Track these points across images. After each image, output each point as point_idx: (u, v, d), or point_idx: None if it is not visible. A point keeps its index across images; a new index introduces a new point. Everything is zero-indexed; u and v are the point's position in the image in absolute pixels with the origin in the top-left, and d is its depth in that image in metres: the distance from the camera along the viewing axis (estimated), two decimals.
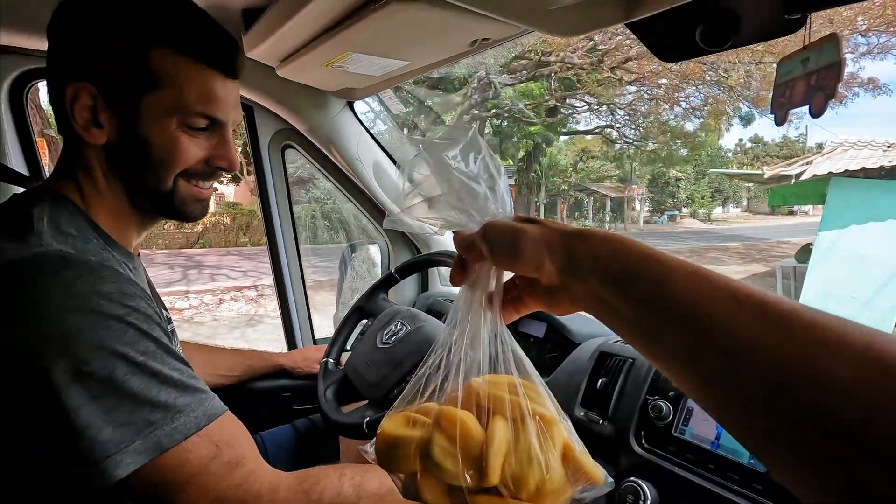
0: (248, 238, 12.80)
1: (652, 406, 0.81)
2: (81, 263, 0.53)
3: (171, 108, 0.61)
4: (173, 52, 0.60)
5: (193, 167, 0.65)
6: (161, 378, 0.53)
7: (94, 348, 0.50)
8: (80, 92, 0.59)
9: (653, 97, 12.30)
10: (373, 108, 2.75)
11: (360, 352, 1.11)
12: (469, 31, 0.76)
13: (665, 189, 23.47)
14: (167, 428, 0.52)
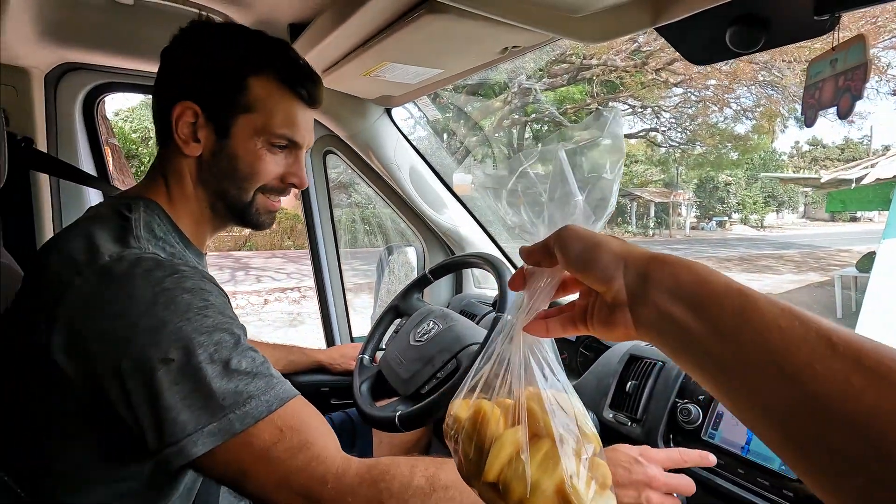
0: (292, 241, 13.23)
1: (681, 409, 0.80)
2: (169, 265, 0.60)
3: (259, 129, 0.71)
4: (269, 82, 0.71)
5: (270, 183, 0.74)
6: (233, 366, 0.57)
7: (175, 339, 0.55)
8: (186, 110, 0.69)
9: (700, 99, 11.90)
10: (413, 114, 2.82)
11: (394, 349, 1.15)
12: (499, 39, 0.79)
13: (713, 194, 22.55)
14: (239, 412, 0.55)
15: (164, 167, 0.73)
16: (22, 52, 1.07)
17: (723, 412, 0.77)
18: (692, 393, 0.82)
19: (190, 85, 0.70)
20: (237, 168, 0.72)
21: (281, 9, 1.04)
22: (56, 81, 1.19)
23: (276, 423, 0.56)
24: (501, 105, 10.85)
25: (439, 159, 1.75)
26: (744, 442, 0.73)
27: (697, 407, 0.79)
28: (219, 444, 0.54)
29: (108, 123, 7.85)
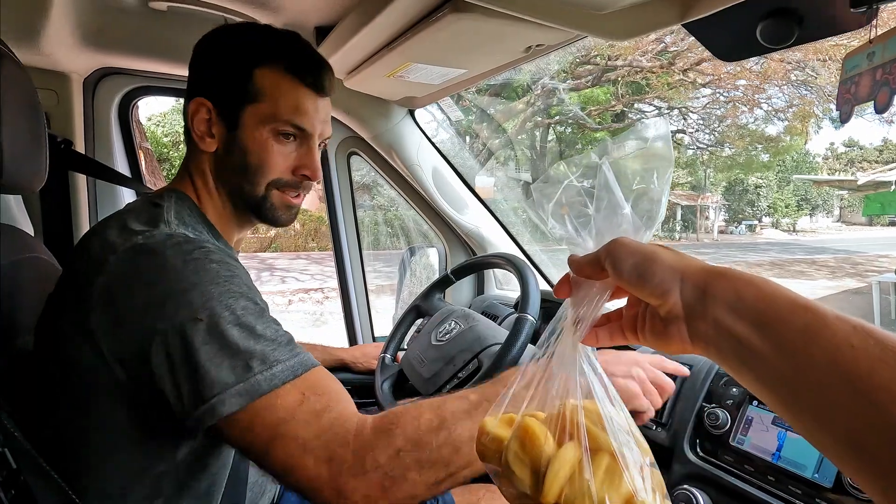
0: (316, 243, 13.41)
1: (708, 414, 0.78)
2: (197, 241, 0.63)
3: (266, 117, 0.71)
4: (273, 71, 0.71)
5: (281, 176, 0.74)
6: (259, 332, 0.58)
7: (204, 300, 0.57)
8: (200, 108, 0.72)
9: (730, 99, 11.62)
10: (435, 116, 2.83)
11: (416, 348, 1.16)
12: (523, 38, 0.79)
13: (743, 197, 21.95)
14: (266, 374, 0.56)
15: (189, 164, 0.76)
16: (63, 57, 1.11)
17: (752, 417, 0.75)
18: (720, 397, 0.80)
19: (202, 81, 0.73)
20: (247, 161, 0.72)
21: (307, 12, 1.06)
22: (94, 86, 1.24)
23: (300, 388, 0.57)
24: (524, 107, 10.80)
25: (462, 160, 1.75)
26: (774, 448, 0.71)
27: (725, 412, 0.77)
28: (245, 405, 0.55)
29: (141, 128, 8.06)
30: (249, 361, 0.56)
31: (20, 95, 0.69)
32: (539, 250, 1.63)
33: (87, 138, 1.22)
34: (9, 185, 0.68)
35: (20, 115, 0.69)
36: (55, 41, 1.04)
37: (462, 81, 1.07)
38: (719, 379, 0.83)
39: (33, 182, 0.75)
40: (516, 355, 0.91)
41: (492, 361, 0.91)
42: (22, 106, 0.70)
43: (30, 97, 0.72)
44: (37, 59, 1.10)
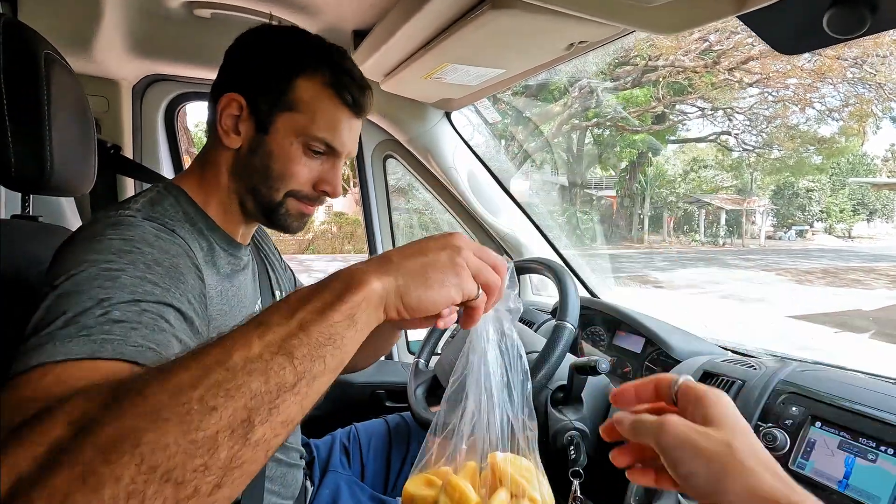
0: (352, 246, 13.63)
1: (765, 434, 0.73)
2: (127, 223, 0.57)
3: (299, 129, 0.69)
4: (315, 83, 0.69)
5: (302, 188, 0.72)
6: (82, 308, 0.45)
7: (83, 259, 0.49)
8: (232, 102, 0.69)
9: (779, 99, 11.11)
10: (471, 120, 2.81)
11: (450, 354, 1.14)
12: (565, 34, 0.76)
13: (793, 201, 20.87)
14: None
15: (204, 156, 0.74)
16: (113, 65, 1.16)
17: (815, 440, 0.69)
18: (777, 416, 0.74)
19: (239, 77, 0.70)
20: (270, 166, 0.70)
21: (346, 16, 1.06)
22: (142, 92, 1.28)
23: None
24: (561, 109, 10.66)
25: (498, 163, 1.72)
26: (841, 476, 0.65)
27: (784, 433, 0.71)
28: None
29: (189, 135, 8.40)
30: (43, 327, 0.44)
31: (71, 101, 0.71)
32: (576, 255, 1.59)
33: (134, 143, 1.27)
34: (58, 187, 0.70)
35: (70, 120, 0.71)
36: (106, 49, 1.09)
37: (500, 82, 1.04)
38: (776, 396, 0.76)
39: (82, 185, 0.78)
40: (555, 364, 0.87)
41: (529, 369, 0.87)
42: (72, 112, 0.72)
43: (80, 103, 0.75)
44: (89, 67, 1.14)
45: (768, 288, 9.75)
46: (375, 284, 0.42)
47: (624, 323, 1.23)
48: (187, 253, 0.62)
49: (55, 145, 0.66)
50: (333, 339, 0.38)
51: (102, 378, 0.38)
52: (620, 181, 16.35)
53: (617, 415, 0.40)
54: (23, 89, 0.62)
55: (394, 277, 0.43)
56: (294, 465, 0.87)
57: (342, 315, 0.39)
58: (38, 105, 0.63)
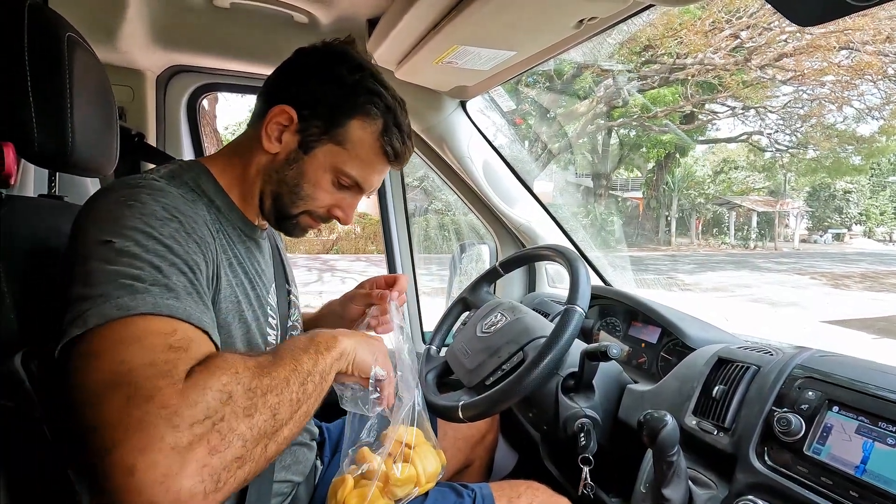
0: (375, 246, 13.76)
1: (779, 419, 0.70)
2: (159, 188, 0.61)
3: (338, 163, 0.73)
4: (368, 128, 0.73)
5: (318, 210, 0.77)
6: (170, 269, 0.54)
7: (122, 226, 0.55)
8: (283, 114, 0.72)
9: (814, 97, 10.72)
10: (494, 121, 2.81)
11: (461, 340, 1.14)
12: (573, 9, 0.75)
13: (829, 203, 20.08)
14: (160, 300, 0.51)
15: (237, 145, 0.77)
16: (138, 55, 1.20)
17: (831, 425, 0.66)
18: (793, 402, 0.72)
19: (299, 94, 0.72)
20: (300, 185, 0.74)
21: (359, 5, 1.08)
22: (166, 82, 1.33)
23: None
24: (586, 110, 10.53)
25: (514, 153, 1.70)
26: (858, 461, 0.62)
27: (799, 417, 0.69)
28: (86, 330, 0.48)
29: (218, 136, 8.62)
30: (148, 286, 0.51)
31: (93, 83, 0.74)
32: (601, 256, 1.57)
33: (157, 132, 1.31)
34: (79, 166, 0.73)
35: (92, 101, 0.74)
36: (131, 40, 1.13)
37: (512, 66, 1.04)
38: (792, 381, 0.74)
39: (104, 166, 0.81)
40: (563, 348, 0.86)
41: (536, 353, 0.87)
42: (94, 93, 0.75)
43: (102, 86, 0.78)
44: (115, 57, 1.19)
45: (802, 292, 9.40)
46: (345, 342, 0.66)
47: (640, 313, 1.21)
48: (204, 220, 0.65)
49: (76, 123, 0.68)
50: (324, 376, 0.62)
51: (199, 340, 0.52)
52: (647, 182, 16.05)
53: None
54: (46, 68, 0.65)
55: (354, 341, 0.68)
56: (306, 445, 0.89)
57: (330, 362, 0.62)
58: (60, 84, 0.66)
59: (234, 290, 0.70)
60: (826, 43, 8.82)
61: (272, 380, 0.53)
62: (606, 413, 0.97)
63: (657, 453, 0.71)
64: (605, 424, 0.96)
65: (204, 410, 0.45)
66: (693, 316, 1.12)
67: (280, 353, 0.58)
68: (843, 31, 8.42)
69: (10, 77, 0.62)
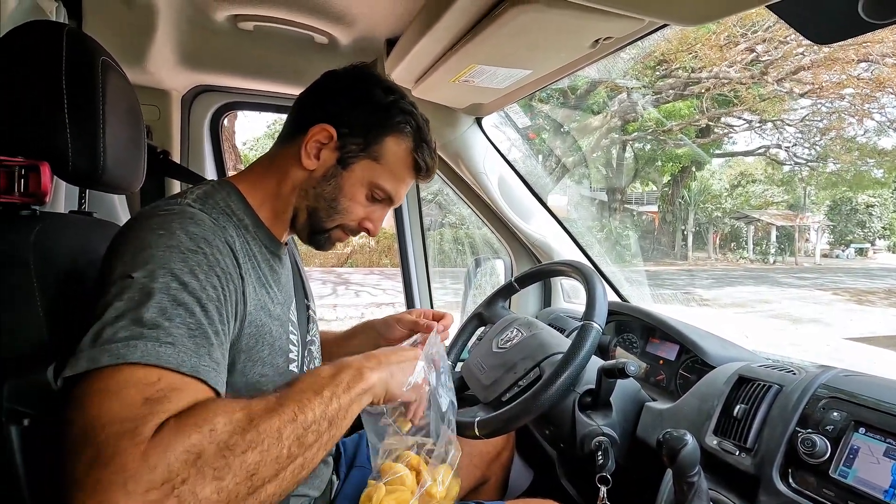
0: (389, 260, 13.83)
1: (803, 440, 0.69)
2: (192, 215, 0.64)
3: (374, 178, 0.78)
4: (402, 146, 0.79)
5: (350, 223, 0.81)
6: (179, 313, 0.55)
7: (145, 261, 0.57)
8: (324, 132, 0.76)
9: (834, 110, 10.58)
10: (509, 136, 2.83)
11: (477, 356, 1.13)
12: (589, 30, 0.76)
13: (851, 217, 19.66)
14: (151, 347, 0.51)
15: (270, 162, 0.79)
16: (165, 76, 1.24)
17: (858, 447, 0.65)
18: (817, 423, 0.70)
19: (338, 114, 0.76)
20: (337, 199, 0.78)
21: (378, 25, 1.10)
22: (190, 102, 1.37)
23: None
24: (600, 123, 10.53)
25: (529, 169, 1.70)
26: (887, 485, 0.60)
27: (824, 439, 0.67)
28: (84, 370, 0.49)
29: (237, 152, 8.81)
30: (146, 330, 0.52)
31: (123, 104, 0.77)
32: (616, 271, 1.56)
33: (182, 149, 1.35)
34: (110, 184, 0.76)
35: (122, 121, 0.77)
36: (159, 61, 1.17)
37: (527, 84, 1.05)
38: (816, 401, 0.72)
39: (132, 183, 0.83)
40: (580, 364, 0.86)
41: (553, 370, 0.86)
42: (124, 114, 0.78)
43: (132, 107, 0.81)
44: (143, 78, 1.23)
45: (824, 308, 9.17)
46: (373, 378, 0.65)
47: (658, 330, 1.19)
48: (230, 247, 0.67)
49: (108, 143, 0.71)
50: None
51: (190, 393, 0.51)
52: (663, 196, 15.91)
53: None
54: (81, 91, 0.68)
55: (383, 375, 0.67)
56: (322, 460, 0.89)
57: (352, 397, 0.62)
58: (93, 106, 0.69)
59: (261, 311, 0.71)
60: (844, 56, 8.74)
61: (258, 434, 0.50)
62: (624, 431, 0.95)
63: (677, 474, 0.70)
64: (623, 443, 0.94)
65: (164, 474, 0.44)
66: (712, 333, 1.11)
67: (286, 396, 0.56)
68: (862, 44, 8.33)
69: (48, 100, 0.65)
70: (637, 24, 0.74)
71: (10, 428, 0.50)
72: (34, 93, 0.65)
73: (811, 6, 0.64)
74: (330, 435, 0.57)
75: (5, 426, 0.50)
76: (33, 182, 0.66)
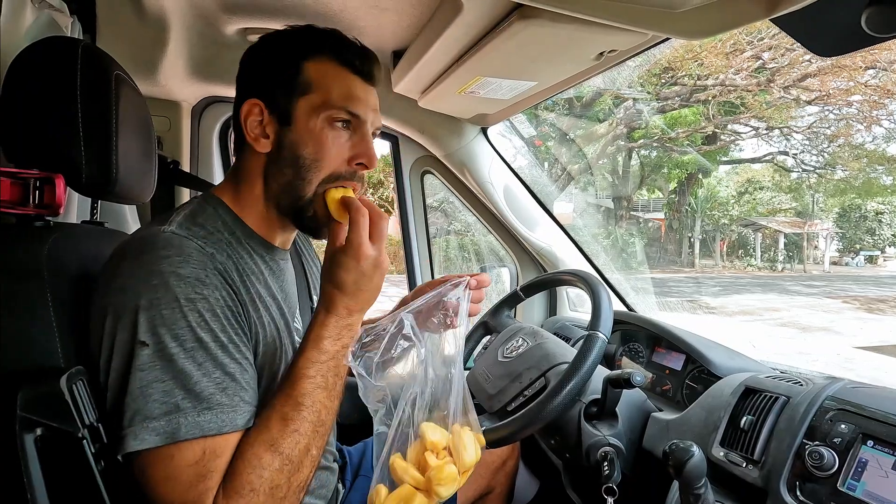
0: (395, 267, 13.83)
1: (810, 452, 0.68)
2: (178, 247, 0.62)
3: (319, 106, 0.71)
4: (322, 62, 0.73)
5: (337, 168, 0.73)
6: (204, 370, 0.58)
7: (153, 324, 0.57)
8: (253, 108, 0.72)
9: (841, 117, 10.52)
10: (514, 143, 2.84)
11: (482, 365, 1.14)
12: (594, 43, 0.77)
13: (861, 224, 19.48)
14: (191, 419, 0.56)
15: (237, 168, 0.77)
16: (176, 87, 1.26)
17: (866, 460, 0.64)
18: (825, 435, 0.70)
19: (252, 83, 0.74)
20: (301, 154, 0.71)
21: (385, 37, 1.12)
22: (200, 113, 1.39)
23: (208, 446, 0.58)
24: (606, 131, 10.53)
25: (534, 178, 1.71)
26: None
27: (832, 451, 0.67)
28: (157, 447, 0.56)
29: None
30: (181, 401, 0.57)
31: (136, 117, 0.79)
32: (621, 279, 1.56)
33: (191, 159, 1.37)
34: (122, 194, 0.77)
35: (135, 133, 0.78)
36: (170, 73, 1.19)
37: (533, 95, 1.06)
38: (823, 413, 0.72)
39: (143, 194, 0.85)
40: (585, 375, 0.86)
41: (558, 380, 0.87)
42: (136, 126, 0.79)
43: (144, 119, 0.82)
44: (155, 90, 1.25)
45: (833, 316, 9.08)
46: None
47: (663, 339, 1.19)
48: (223, 274, 0.65)
49: (120, 155, 0.72)
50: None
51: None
52: (669, 203, 15.86)
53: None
54: (95, 105, 0.69)
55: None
56: (328, 468, 0.89)
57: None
58: (107, 119, 0.70)
59: (266, 327, 0.71)
60: (852, 63, 8.70)
61: (288, 461, 0.62)
62: (630, 442, 0.95)
63: (683, 485, 0.69)
64: (629, 453, 0.94)
65: None
66: (719, 343, 1.10)
67: (296, 404, 0.64)
68: (870, 51, 8.31)
69: (63, 114, 0.67)
70: (641, 37, 0.74)
71: (24, 437, 0.51)
72: (50, 107, 0.67)
73: (814, 20, 0.64)
74: (337, 390, 0.67)
75: (19, 435, 0.51)
76: (48, 194, 0.68)
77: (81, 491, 0.53)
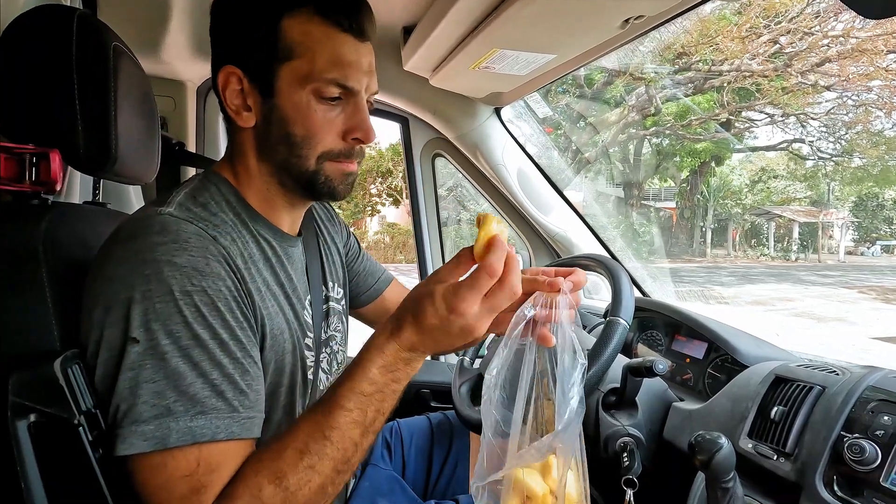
0: (404, 256, 13.86)
1: (850, 446, 0.64)
2: (174, 232, 0.56)
3: (304, 76, 0.61)
4: (302, 18, 0.61)
5: (332, 146, 0.65)
6: (199, 370, 0.53)
7: (145, 319, 0.52)
8: (230, 77, 0.64)
9: (861, 103, 10.27)
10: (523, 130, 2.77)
11: (494, 352, 1.10)
12: (619, 8, 0.72)
13: (878, 213, 19.11)
14: (182, 424, 0.51)
15: (230, 147, 0.70)
16: (180, 67, 1.23)
17: None
18: (865, 427, 0.65)
19: (225, 46, 0.64)
20: (290, 132, 0.63)
21: (394, 11, 1.07)
22: (206, 93, 1.36)
23: (202, 455, 0.52)
24: (618, 118, 10.38)
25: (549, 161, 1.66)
26: None
27: (874, 445, 0.63)
28: (146, 452, 0.51)
29: None
30: (172, 404, 0.51)
31: (136, 91, 0.75)
32: (639, 266, 1.52)
33: (197, 140, 1.34)
34: (122, 173, 0.74)
35: (135, 109, 0.75)
36: (174, 51, 1.16)
37: (550, 70, 1.01)
38: (864, 404, 0.68)
39: (146, 173, 0.82)
40: (606, 363, 0.82)
41: None
42: (137, 101, 0.76)
43: (145, 94, 0.79)
44: (159, 69, 1.22)
45: (849, 306, 8.94)
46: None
47: (684, 326, 1.15)
48: (227, 260, 0.59)
49: (120, 131, 0.69)
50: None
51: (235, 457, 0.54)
52: (681, 192, 15.66)
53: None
54: (92, 77, 0.66)
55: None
56: None
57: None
58: (105, 92, 0.67)
59: (273, 318, 0.66)
60: (873, 47, 8.46)
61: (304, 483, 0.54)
62: (651, 432, 0.91)
63: (711, 479, 0.66)
64: (650, 444, 0.90)
65: None
66: (744, 330, 1.06)
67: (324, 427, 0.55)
68: (892, 34, 8.06)
69: (58, 85, 0.63)
70: (671, 1, 0.69)
71: (17, 423, 0.48)
72: (44, 78, 0.64)
73: None
74: (374, 428, 0.57)
75: (11, 422, 0.48)
76: (44, 170, 0.65)
77: (78, 480, 0.51)
